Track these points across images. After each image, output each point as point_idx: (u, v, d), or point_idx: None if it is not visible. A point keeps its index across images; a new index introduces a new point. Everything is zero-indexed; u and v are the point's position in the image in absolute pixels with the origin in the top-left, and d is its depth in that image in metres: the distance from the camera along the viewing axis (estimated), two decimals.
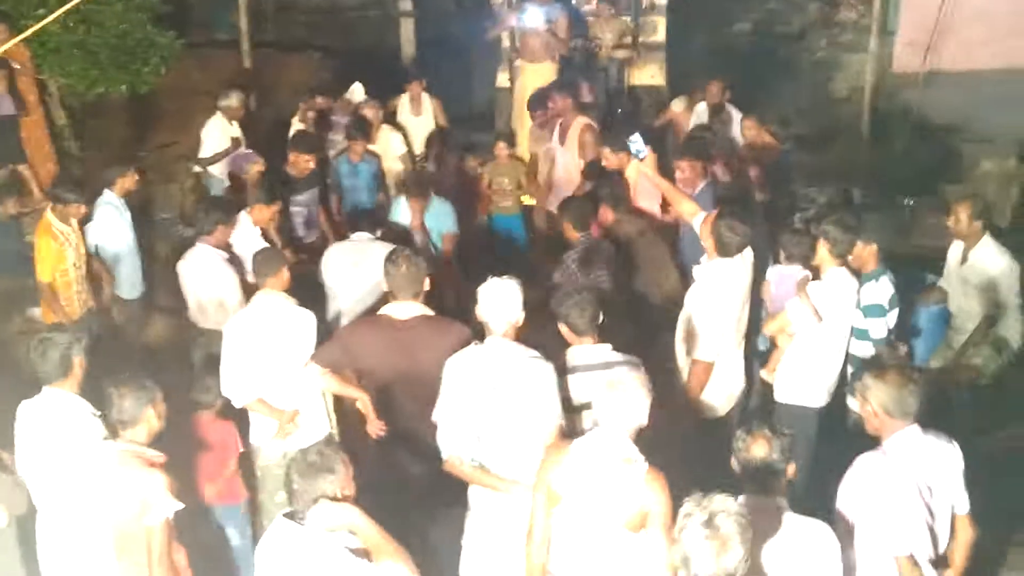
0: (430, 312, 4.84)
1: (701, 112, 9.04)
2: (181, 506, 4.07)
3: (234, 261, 6.18)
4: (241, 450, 5.43)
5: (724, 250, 5.33)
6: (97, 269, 6.74)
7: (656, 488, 3.73)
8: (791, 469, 3.62)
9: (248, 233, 6.47)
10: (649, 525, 3.75)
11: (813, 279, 5.50)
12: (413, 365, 4.66)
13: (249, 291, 6.18)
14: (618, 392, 3.83)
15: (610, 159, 6.79)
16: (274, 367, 5.15)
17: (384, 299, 5.04)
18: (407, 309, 4.80)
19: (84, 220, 6.59)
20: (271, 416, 5.26)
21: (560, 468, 3.88)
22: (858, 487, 3.81)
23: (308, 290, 5.95)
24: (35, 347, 4.50)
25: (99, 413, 4.41)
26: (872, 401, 3.83)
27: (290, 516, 3.49)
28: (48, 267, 6.33)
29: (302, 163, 7.54)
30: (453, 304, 6.25)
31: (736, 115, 8.87)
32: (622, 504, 3.75)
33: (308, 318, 5.16)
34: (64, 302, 6.40)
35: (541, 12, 9.47)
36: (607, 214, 6.46)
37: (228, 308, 6.01)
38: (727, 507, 2.99)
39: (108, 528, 4.08)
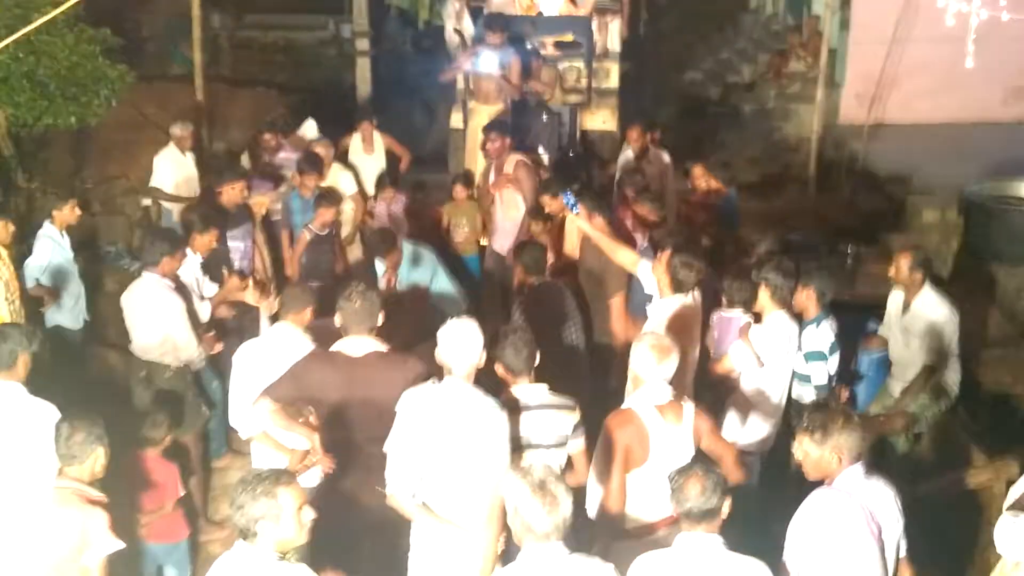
0: (383, 347, 4.79)
1: (628, 157, 9.13)
2: (122, 545, 4.02)
3: (181, 291, 6.10)
4: (182, 493, 5.35)
5: (679, 286, 5.42)
6: (37, 296, 6.63)
7: (706, 415, 4.45)
8: (726, 507, 3.64)
9: (192, 263, 6.39)
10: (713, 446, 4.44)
11: (755, 324, 5.57)
12: (366, 401, 4.59)
13: (195, 323, 6.13)
14: (661, 347, 4.34)
15: (551, 204, 6.89)
16: None
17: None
18: (361, 345, 4.73)
19: (23, 254, 6.50)
20: (276, 451, 5.12)
21: (634, 429, 4.27)
22: (813, 523, 3.79)
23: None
24: None
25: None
26: (828, 444, 3.81)
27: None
28: None
29: (233, 193, 7.37)
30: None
31: (664, 157, 8.98)
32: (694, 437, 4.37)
33: None
34: None
35: (495, 57, 9.56)
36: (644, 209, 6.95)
37: (175, 339, 5.94)
38: (551, 472, 3.47)
39: (43, 568, 3.98)
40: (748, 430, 5.55)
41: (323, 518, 3.66)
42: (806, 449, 3.88)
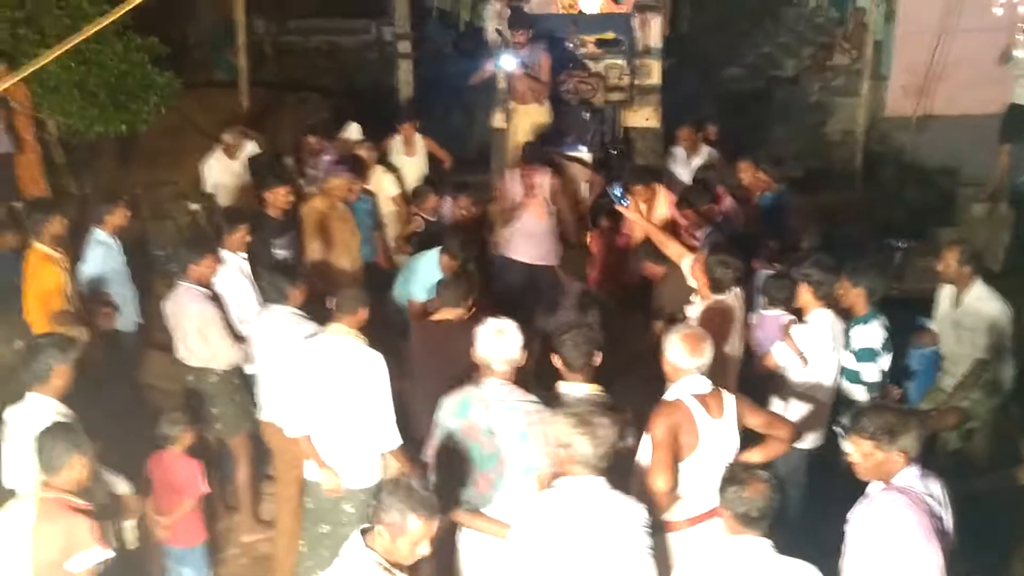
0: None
1: (678, 156, 9.09)
2: (110, 554, 4.05)
3: (216, 298, 6.12)
4: (204, 491, 5.38)
5: (717, 286, 5.38)
6: (92, 304, 6.73)
7: (745, 398, 4.45)
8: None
9: (231, 268, 6.37)
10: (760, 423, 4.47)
11: (797, 322, 5.52)
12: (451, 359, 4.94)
13: (233, 327, 6.16)
14: (693, 338, 4.33)
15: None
16: (332, 402, 5.05)
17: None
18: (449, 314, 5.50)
19: (75, 260, 6.62)
20: (312, 459, 5.12)
21: (682, 418, 4.22)
22: (883, 524, 3.72)
23: None
24: (26, 351, 4.69)
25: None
26: (896, 446, 3.75)
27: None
28: (56, 295, 6.29)
29: (279, 198, 7.31)
30: None
31: (712, 154, 8.94)
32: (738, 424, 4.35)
33: (375, 359, 5.02)
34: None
35: (517, 57, 9.56)
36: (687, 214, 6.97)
37: (212, 346, 5.98)
38: (591, 406, 3.78)
39: None
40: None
41: None
42: (868, 452, 3.80)
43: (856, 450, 3.85)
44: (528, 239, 8.11)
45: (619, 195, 6.01)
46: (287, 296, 5.70)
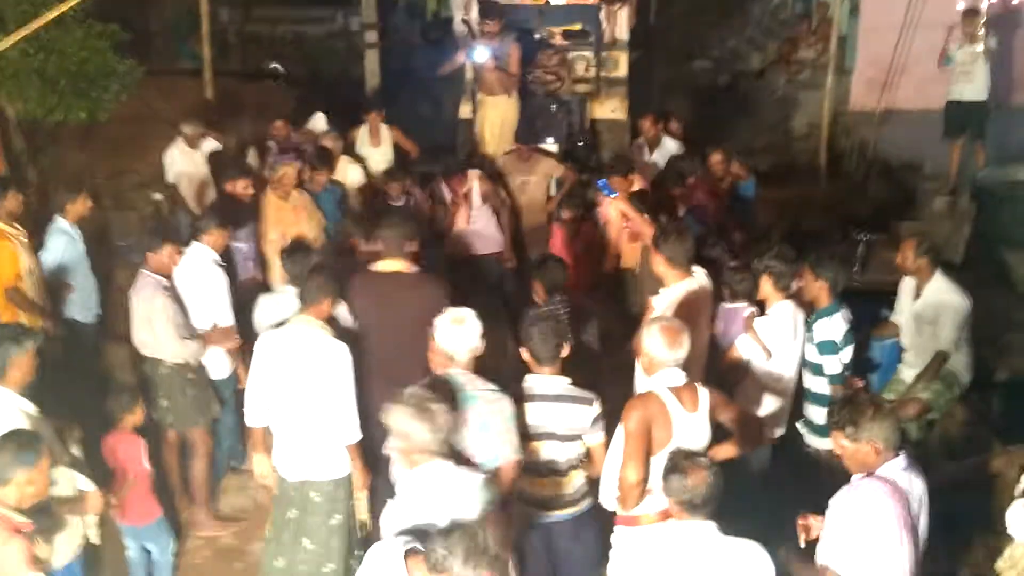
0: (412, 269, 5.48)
1: (640, 146, 9.13)
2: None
3: (172, 290, 5.98)
4: (146, 469, 5.34)
5: (675, 262, 5.36)
6: (51, 288, 6.63)
7: (717, 391, 4.45)
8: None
9: (195, 262, 6.18)
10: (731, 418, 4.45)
11: (760, 314, 5.55)
12: (397, 312, 5.16)
13: (186, 322, 6.01)
14: (672, 330, 4.30)
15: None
16: (295, 394, 5.00)
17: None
18: (392, 266, 5.45)
19: (36, 248, 6.52)
20: (259, 452, 5.16)
21: (657, 411, 4.21)
22: (856, 509, 3.75)
23: None
24: None
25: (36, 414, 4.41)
26: (863, 436, 3.78)
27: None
28: (10, 271, 6.18)
29: (239, 190, 7.32)
30: None
31: (673, 146, 8.97)
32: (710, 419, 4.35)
33: (339, 350, 4.97)
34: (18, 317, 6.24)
35: (488, 49, 9.54)
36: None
37: (158, 336, 5.87)
38: (426, 394, 3.84)
39: None
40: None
41: None
42: (842, 445, 3.86)
43: (835, 444, 3.91)
44: (467, 236, 8.18)
45: (603, 185, 6.26)
46: None
